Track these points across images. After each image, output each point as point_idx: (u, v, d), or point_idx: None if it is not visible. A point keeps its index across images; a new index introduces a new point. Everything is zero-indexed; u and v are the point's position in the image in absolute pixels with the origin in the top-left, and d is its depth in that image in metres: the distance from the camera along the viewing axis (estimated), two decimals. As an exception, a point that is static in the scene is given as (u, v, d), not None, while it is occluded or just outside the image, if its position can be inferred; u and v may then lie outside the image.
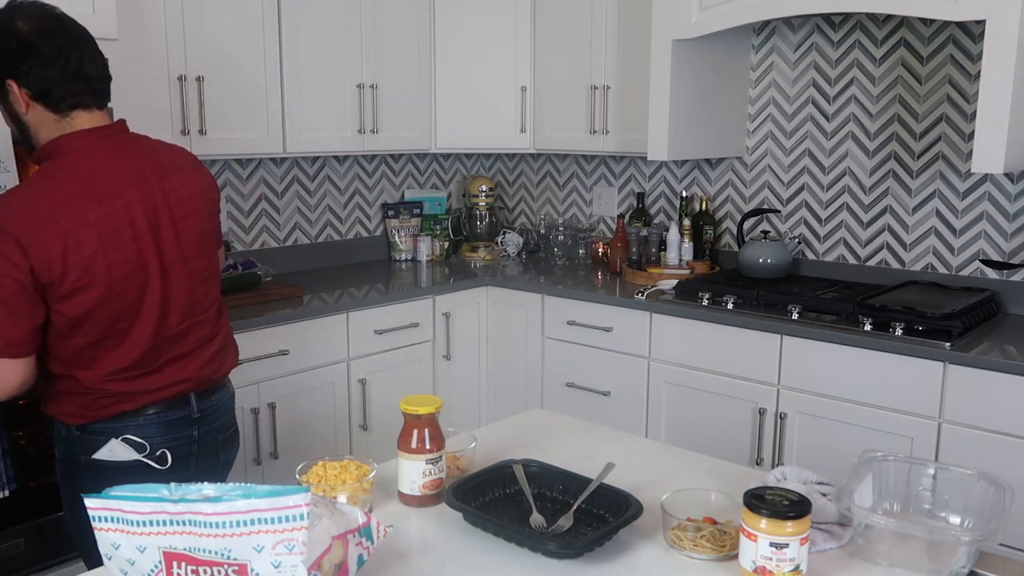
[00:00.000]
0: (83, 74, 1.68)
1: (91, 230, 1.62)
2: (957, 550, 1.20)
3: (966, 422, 2.36)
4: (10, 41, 1.63)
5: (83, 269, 1.62)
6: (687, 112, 3.07)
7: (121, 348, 1.71)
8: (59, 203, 1.61)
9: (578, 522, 1.33)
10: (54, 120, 1.68)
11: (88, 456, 1.76)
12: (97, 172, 1.67)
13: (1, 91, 1.67)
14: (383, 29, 3.37)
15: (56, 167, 1.66)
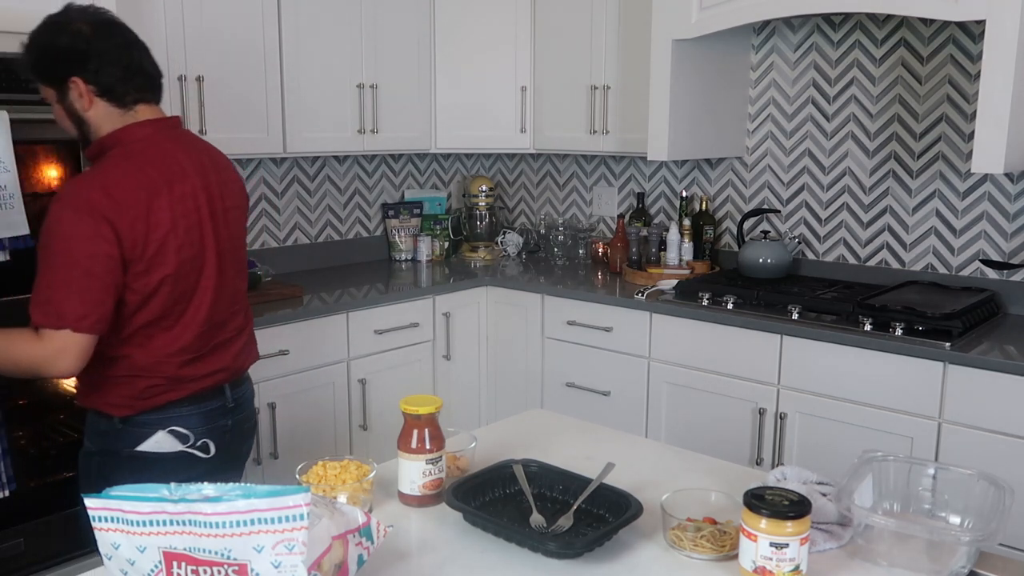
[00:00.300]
0: (144, 71, 1.78)
1: (166, 212, 1.71)
2: (957, 550, 1.20)
3: (966, 422, 2.36)
4: (76, 41, 1.71)
5: (159, 247, 1.70)
6: (687, 112, 3.07)
7: (175, 330, 1.78)
8: (138, 184, 1.69)
9: (578, 522, 1.33)
10: (119, 114, 1.76)
11: (131, 448, 1.79)
12: (166, 158, 1.76)
13: (62, 89, 1.74)
14: (383, 29, 3.37)
15: (127, 153, 1.74)
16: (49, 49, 1.74)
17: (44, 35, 1.75)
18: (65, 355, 1.64)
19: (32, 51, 1.76)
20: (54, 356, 1.64)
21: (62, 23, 1.74)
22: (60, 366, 1.66)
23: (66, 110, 1.76)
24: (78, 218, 1.63)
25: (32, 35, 1.77)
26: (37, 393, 2.39)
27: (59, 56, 1.73)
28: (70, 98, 1.74)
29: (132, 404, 1.78)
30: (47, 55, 1.74)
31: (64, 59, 1.72)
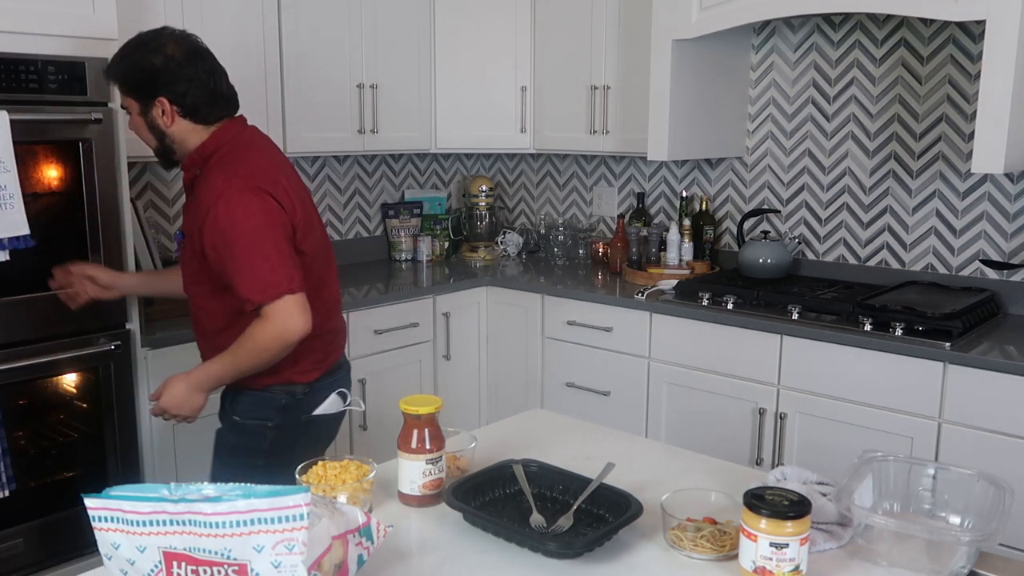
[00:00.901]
0: (224, 95, 1.93)
1: (290, 184, 1.89)
2: (957, 550, 1.20)
3: (966, 422, 2.36)
4: (167, 63, 1.86)
5: (303, 212, 1.89)
6: (687, 112, 3.07)
7: (328, 288, 2.01)
8: (267, 164, 1.90)
9: (578, 522, 1.33)
10: (202, 129, 1.91)
11: (309, 414, 1.98)
12: (267, 146, 1.98)
13: (146, 104, 1.88)
14: (383, 29, 3.37)
15: (237, 145, 1.91)
16: (142, 64, 1.86)
17: (138, 51, 1.87)
18: (295, 315, 1.78)
19: (124, 64, 1.89)
20: (287, 323, 1.78)
21: (156, 44, 1.87)
22: (297, 327, 1.79)
23: (148, 123, 1.90)
24: (245, 199, 1.78)
25: (127, 48, 1.90)
26: (37, 393, 2.39)
27: (149, 74, 1.86)
28: (152, 114, 1.88)
29: (318, 367, 1.98)
30: (139, 70, 1.87)
31: (153, 78, 1.86)
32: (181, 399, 1.90)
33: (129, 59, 1.88)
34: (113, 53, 1.94)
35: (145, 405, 2.53)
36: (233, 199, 1.78)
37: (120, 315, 2.45)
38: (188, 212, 1.93)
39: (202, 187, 1.86)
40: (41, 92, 2.23)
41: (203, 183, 1.87)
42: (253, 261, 1.77)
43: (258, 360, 1.84)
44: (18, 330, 2.27)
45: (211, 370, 1.89)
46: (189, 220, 1.90)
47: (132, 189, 2.92)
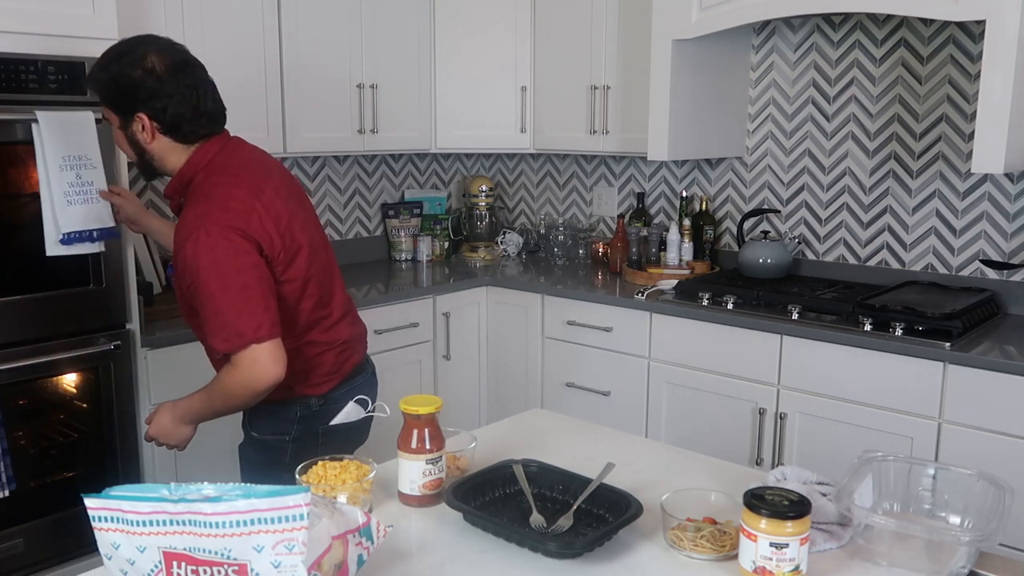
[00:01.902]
0: (208, 111, 1.81)
1: (279, 201, 1.79)
2: (957, 550, 1.20)
3: (966, 422, 2.36)
4: (146, 78, 1.73)
5: (290, 235, 1.78)
6: (687, 112, 3.07)
7: (335, 299, 1.93)
8: (245, 188, 1.75)
9: (578, 522, 1.33)
10: (182, 148, 1.80)
11: (326, 424, 1.92)
12: (248, 159, 1.86)
13: (126, 120, 1.77)
14: (383, 29, 3.37)
15: (213, 169, 1.79)
16: (120, 79, 1.74)
17: (117, 63, 1.75)
18: (261, 365, 1.69)
19: (102, 77, 1.76)
20: (253, 372, 1.69)
21: (137, 56, 1.74)
22: (264, 376, 1.70)
23: (128, 138, 1.80)
24: (212, 242, 1.66)
25: (106, 59, 1.77)
26: (37, 393, 2.39)
27: (128, 88, 1.74)
28: (132, 129, 1.77)
29: (331, 378, 1.91)
30: (117, 84, 1.75)
31: (132, 93, 1.74)
32: (167, 429, 1.86)
33: (108, 71, 1.75)
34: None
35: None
36: (200, 241, 1.67)
37: (120, 315, 2.45)
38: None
39: (181, 219, 1.77)
40: (41, 92, 2.23)
41: (183, 215, 1.78)
42: (219, 308, 1.67)
43: (229, 404, 1.78)
44: (18, 330, 2.27)
45: (192, 406, 1.84)
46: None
47: (132, 189, 2.92)
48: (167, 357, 2.56)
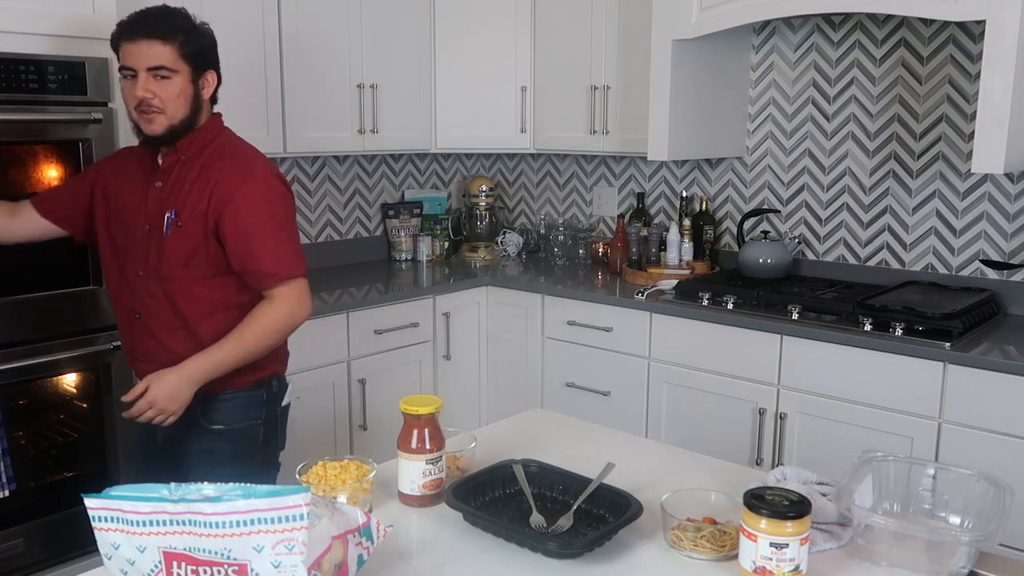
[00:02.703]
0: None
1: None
2: (957, 550, 1.20)
3: (966, 422, 2.36)
4: (215, 44, 1.94)
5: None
6: (687, 112, 3.07)
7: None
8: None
9: (578, 522, 1.33)
10: (208, 112, 1.96)
11: (281, 405, 2.04)
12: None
13: (197, 74, 1.89)
14: (383, 29, 3.37)
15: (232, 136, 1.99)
16: (209, 36, 1.92)
17: (199, 26, 1.90)
18: (306, 298, 1.90)
19: (191, 27, 1.87)
20: (300, 304, 1.89)
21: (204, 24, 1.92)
22: (305, 310, 1.90)
23: (193, 92, 1.88)
24: (273, 183, 1.89)
25: (187, 17, 1.89)
26: (37, 393, 2.39)
27: (211, 47, 1.92)
28: (199, 84, 1.89)
29: (286, 357, 2.06)
30: (207, 40, 1.91)
31: (213, 52, 1.93)
32: (172, 391, 1.82)
33: (199, 27, 1.89)
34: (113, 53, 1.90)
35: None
36: (262, 181, 1.87)
37: (120, 315, 2.45)
38: (176, 195, 1.87)
39: (208, 171, 1.87)
40: (41, 92, 2.23)
41: (210, 167, 1.87)
42: (279, 241, 1.86)
43: (265, 344, 1.87)
44: (18, 330, 2.27)
45: (211, 358, 1.83)
46: (185, 202, 1.86)
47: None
48: (167, 357, 2.56)
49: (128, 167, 1.98)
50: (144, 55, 1.80)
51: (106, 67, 2.34)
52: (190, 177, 1.88)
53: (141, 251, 1.90)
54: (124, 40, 1.83)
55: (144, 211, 1.90)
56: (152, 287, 1.90)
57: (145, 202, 1.90)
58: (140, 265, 1.91)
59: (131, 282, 1.93)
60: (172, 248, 1.87)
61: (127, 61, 1.82)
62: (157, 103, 1.82)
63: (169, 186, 1.89)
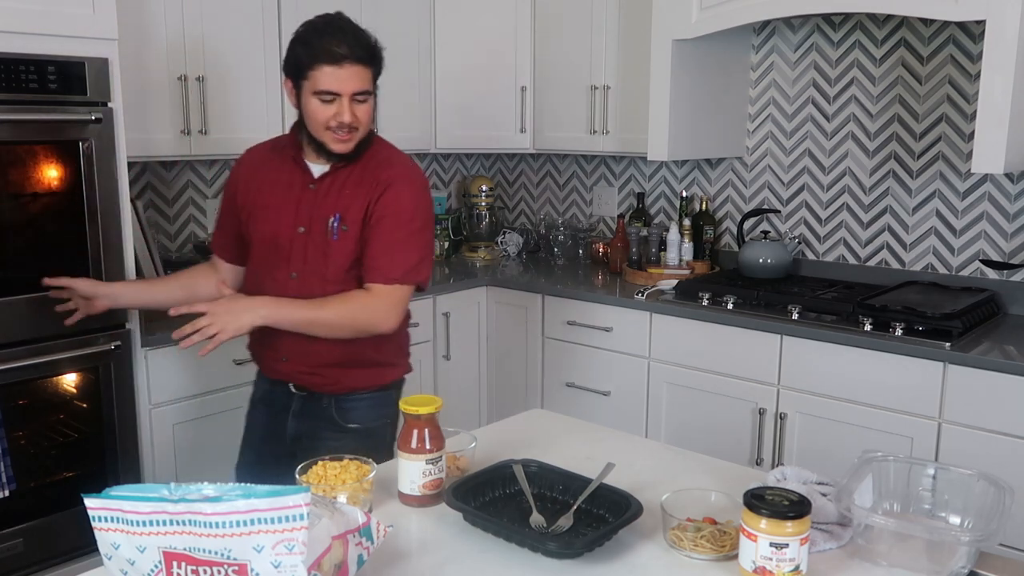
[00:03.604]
0: None
1: None
2: (957, 550, 1.20)
3: (966, 422, 2.36)
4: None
5: None
6: (687, 112, 3.07)
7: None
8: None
9: (578, 522, 1.33)
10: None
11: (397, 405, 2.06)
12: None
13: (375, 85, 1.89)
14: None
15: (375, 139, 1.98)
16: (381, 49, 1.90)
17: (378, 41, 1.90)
18: (397, 307, 1.90)
19: (380, 51, 1.90)
20: (391, 310, 1.88)
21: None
22: (389, 319, 1.89)
23: (374, 106, 1.90)
24: (425, 192, 1.93)
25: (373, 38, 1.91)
26: (37, 393, 2.39)
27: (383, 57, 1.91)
28: (376, 96, 1.89)
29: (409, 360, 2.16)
30: (382, 53, 1.90)
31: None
32: (239, 310, 1.78)
33: (377, 44, 1.89)
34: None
35: (145, 405, 2.53)
36: (417, 185, 1.91)
37: (120, 315, 2.45)
38: (337, 199, 1.88)
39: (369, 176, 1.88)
40: (41, 92, 2.23)
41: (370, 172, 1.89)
42: (408, 246, 1.87)
43: (338, 322, 1.84)
44: (18, 330, 2.27)
45: (285, 306, 1.82)
46: (349, 206, 1.87)
47: (132, 189, 2.92)
48: (167, 357, 2.56)
49: (265, 169, 1.97)
50: (351, 81, 1.81)
51: (106, 67, 2.34)
52: (350, 181, 1.89)
53: (295, 253, 1.90)
54: (326, 63, 1.80)
55: (295, 213, 1.90)
56: (311, 288, 1.89)
57: (297, 205, 1.90)
58: (294, 267, 1.91)
59: (281, 283, 1.91)
60: (339, 251, 1.88)
61: (330, 86, 1.80)
62: (356, 125, 1.84)
63: (325, 189, 1.89)
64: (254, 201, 1.96)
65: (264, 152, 2.02)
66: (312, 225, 1.89)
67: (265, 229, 1.94)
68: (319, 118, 1.82)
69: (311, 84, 1.81)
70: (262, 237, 1.94)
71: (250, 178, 1.99)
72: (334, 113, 1.81)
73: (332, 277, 1.89)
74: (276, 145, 2.01)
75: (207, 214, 3.26)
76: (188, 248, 3.21)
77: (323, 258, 1.89)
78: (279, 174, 1.94)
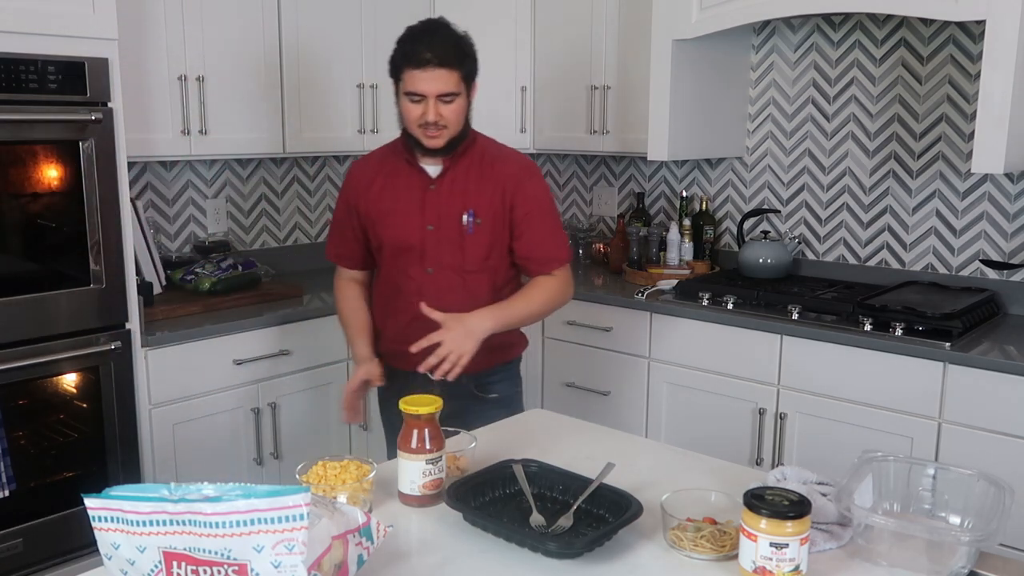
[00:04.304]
0: None
1: None
2: (957, 550, 1.20)
3: (966, 422, 2.36)
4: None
5: None
6: (687, 112, 3.07)
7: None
8: None
9: (578, 522, 1.33)
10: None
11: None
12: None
13: (469, 87, 2.02)
14: (383, 29, 3.37)
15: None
16: (475, 54, 2.02)
17: (472, 45, 2.03)
18: (572, 281, 2.17)
19: (470, 46, 2.02)
20: (570, 286, 2.16)
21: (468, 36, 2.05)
22: (572, 291, 2.18)
23: (468, 105, 2.02)
24: (544, 181, 2.16)
25: (454, 31, 2.03)
26: (37, 393, 2.39)
27: (477, 61, 2.04)
28: (471, 96, 2.02)
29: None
30: (474, 55, 2.02)
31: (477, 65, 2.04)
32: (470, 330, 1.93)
33: (471, 45, 2.01)
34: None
35: (145, 405, 2.53)
36: (539, 174, 2.13)
37: (120, 315, 2.45)
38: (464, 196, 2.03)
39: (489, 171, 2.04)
40: (41, 92, 2.23)
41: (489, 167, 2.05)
42: (558, 230, 2.14)
43: (544, 310, 2.11)
44: (18, 330, 2.27)
45: (502, 312, 2.00)
46: (479, 202, 2.03)
47: (132, 189, 2.92)
48: (167, 357, 2.56)
49: (381, 177, 2.10)
50: (435, 84, 1.93)
51: (106, 67, 2.34)
52: (471, 178, 2.04)
53: (428, 250, 2.05)
54: (413, 67, 1.93)
55: (421, 214, 2.04)
56: (449, 280, 2.06)
57: (421, 206, 2.04)
58: (429, 263, 2.06)
59: (418, 279, 2.07)
60: (475, 244, 2.05)
61: (416, 88, 1.93)
62: (444, 123, 1.96)
63: (447, 188, 2.04)
64: (377, 208, 2.08)
65: (375, 163, 2.14)
66: (440, 222, 2.04)
67: (394, 233, 2.07)
68: (409, 116, 1.97)
69: (403, 85, 1.96)
70: (392, 240, 2.08)
71: (367, 188, 2.11)
72: (422, 113, 1.94)
73: (470, 267, 2.06)
74: (387, 153, 2.13)
75: (207, 214, 3.26)
76: (188, 248, 3.21)
77: (459, 251, 2.05)
78: (396, 179, 2.08)
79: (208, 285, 2.86)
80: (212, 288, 2.85)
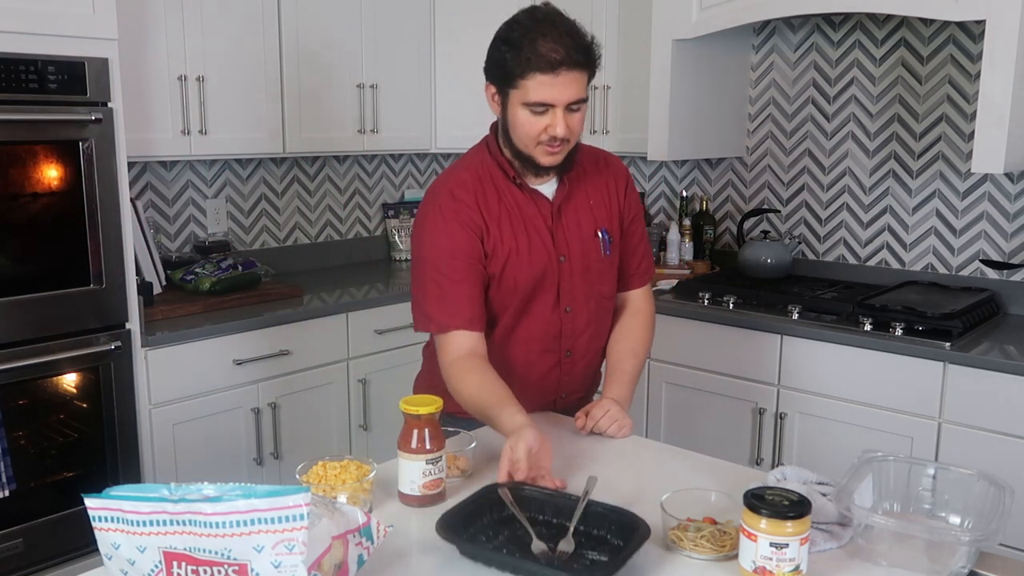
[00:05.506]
0: None
1: None
2: (957, 550, 1.20)
3: (966, 422, 2.36)
4: None
5: None
6: (687, 112, 3.07)
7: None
8: None
9: (579, 544, 1.26)
10: None
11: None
12: None
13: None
14: (383, 29, 3.37)
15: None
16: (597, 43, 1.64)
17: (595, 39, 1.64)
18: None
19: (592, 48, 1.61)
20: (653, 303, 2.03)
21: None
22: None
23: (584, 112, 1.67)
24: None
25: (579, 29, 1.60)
26: (37, 393, 2.39)
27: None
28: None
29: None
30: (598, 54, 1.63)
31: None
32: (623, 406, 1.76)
33: (593, 40, 1.61)
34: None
35: (145, 405, 2.53)
36: (634, 183, 1.88)
37: (120, 315, 2.45)
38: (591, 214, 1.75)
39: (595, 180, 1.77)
40: (41, 92, 2.23)
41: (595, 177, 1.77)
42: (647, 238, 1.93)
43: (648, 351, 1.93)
44: (18, 330, 2.27)
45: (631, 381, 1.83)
46: (605, 218, 1.77)
47: (132, 189, 2.92)
48: (167, 357, 2.56)
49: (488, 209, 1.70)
50: (567, 91, 1.57)
51: (106, 67, 2.34)
52: (592, 190, 1.76)
53: (563, 287, 1.74)
54: (540, 72, 1.55)
55: (552, 245, 1.72)
56: (587, 317, 1.79)
57: (550, 236, 1.72)
58: (566, 301, 1.75)
59: (556, 324, 1.77)
60: (612, 265, 1.81)
61: (544, 97, 1.56)
62: (569, 137, 1.62)
63: (572, 209, 1.74)
64: (498, 249, 1.69)
65: (470, 193, 1.69)
66: (570, 250, 1.73)
67: (526, 273, 1.71)
68: (530, 131, 1.60)
69: (521, 94, 1.58)
70: (523, 283, 1.72)
71: (488, 223, 1.70)
72: (546, 126, 1.59)
73: (608, 293, 1.81)
74: (479, 175, 1.72)
75: (207, 214, 3.26)
76: (188, 248, 3.21)
77: (599, 279, 1.78)
78: (510, 208, 1.70)
79: (208, 285, 2.85)
80: (212, 288, 2.85)
